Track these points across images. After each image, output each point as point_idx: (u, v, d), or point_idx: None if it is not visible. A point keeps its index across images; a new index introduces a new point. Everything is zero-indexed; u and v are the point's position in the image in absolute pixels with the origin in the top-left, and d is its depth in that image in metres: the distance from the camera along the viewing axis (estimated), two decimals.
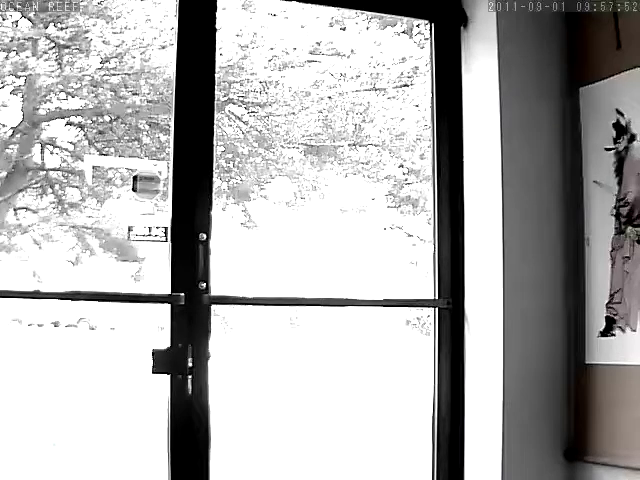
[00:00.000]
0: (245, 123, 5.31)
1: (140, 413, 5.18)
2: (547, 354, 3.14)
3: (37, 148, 5.09)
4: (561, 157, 3.22)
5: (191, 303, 2.83)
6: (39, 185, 5.16)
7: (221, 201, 5.32)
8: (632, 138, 3.01)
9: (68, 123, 5.03)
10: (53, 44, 4.85)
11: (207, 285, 2.86)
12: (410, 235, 5.74)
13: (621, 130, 3.05)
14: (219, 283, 2.90)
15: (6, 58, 4.77)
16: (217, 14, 2.98)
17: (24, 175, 5.11)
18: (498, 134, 3.12)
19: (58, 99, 4.99)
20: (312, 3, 3.85)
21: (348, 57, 5.42)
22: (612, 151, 3.08)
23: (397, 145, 5.56)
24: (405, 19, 5.05)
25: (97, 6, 4.84)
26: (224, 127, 5.22)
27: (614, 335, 3.03)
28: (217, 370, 2.87)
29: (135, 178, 3.17)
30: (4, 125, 4.92)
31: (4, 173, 5.04)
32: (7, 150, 5.01)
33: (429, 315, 3.34)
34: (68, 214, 5.19)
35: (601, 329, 3.08)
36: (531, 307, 3.12)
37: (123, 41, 4.87)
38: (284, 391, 5.90)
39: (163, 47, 4.89)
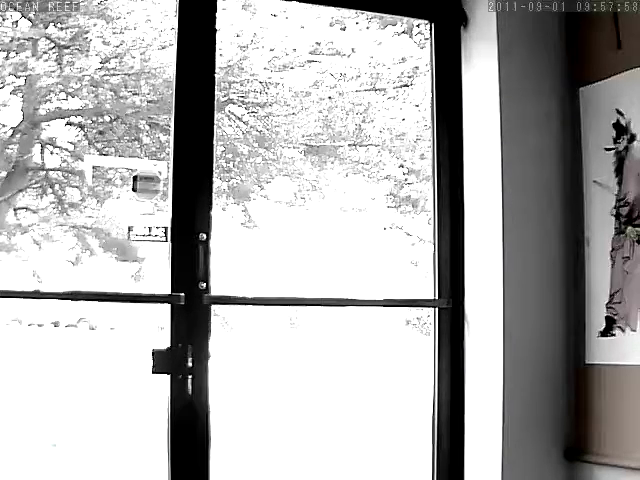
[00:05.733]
0: (245, 123, 5.31)
1: (140, 413, 5.18)
2: (547, 354, 3.15)
3: (37, 148, 5.08)
4: (561, 157, 3.22)
5: (191, 303, 2.83)
6: (39, 185, 5.15)
7: (221, 201, 5.32)
8: (632, 138, 3.01)
9: (68, 123, 5.03)
10: (53, 44, 4.84)
11: (207, 285, 2.86)
12: (410, 235, 5.74)
13: (621, 130, 3.05)
14: (219, 283, 2.91)
15: (6, 58, 4.77)
16: (217, 14, 2.98)
17: (24, 175, 5.11)
18: (498, 134, 3.12)
19: (58, 99, 4.98)
20: (312, 3, 3.85)
21: (348, 57, 5.41)
22: (612, 151, 3.08)
23: (397, 145, 5.56)
24: (405, 19, 5.05)
25: (97, 6, 4.84)
26: (224, 127, 5.22)
27: (614, 335, 3.04)
28: (217, 370, 2.88)
29: (135, 178, 3.17)
30: (4, 125, 4.92)
31: (4, 173, 5.03)
32: (7, 150, 5.01)
33: (429, 315, 3.34)
34: (68, 214, 5.19)
35: (601, 329, 3.08)
36: (531, 307, 3.12)
37: (123, 41, 4.87)
38: (284, 391, 5.90)
39: (163, 47, 4.88)
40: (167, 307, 2.84)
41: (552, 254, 3.18)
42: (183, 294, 2.83)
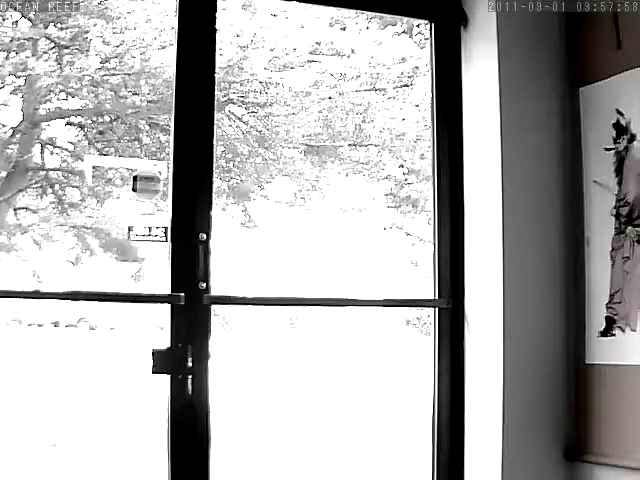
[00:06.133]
0: (245, 123, 5.31)
1: (140, 413, 5.18)
2: (547, 354, 3.15)
3: (37, 148, 5.08)
4: (561, 157, 3.22)
5: (191, 303, 2.83)
6: (39, 185, 5.15)
7: (221, 201, 5.32)
8: (632, 138, 3.01)
9: (68, 123, 5.03)
10: (53, 44, 4.84)
11: (207, 285, 2.86)
12: (410, 235, 5.74)
13: (621, 130, 3.05)
14: (219, 283, 2.91)
15: (6, 58, 4.77)
16: (217, 14, 2.98)
17: (24, 175, 5.11)
18: (498, 134, 3.12)
19: (58, 99, 4.98)
20: (312, 3, 3.85)
21: (348, 57, 5.41)
22: (612, 151, 3.08)
23: (397, 145, 5.56)
24: (405, 19, 5.05)
25: (97, 6, 4.84)
26: (224, 127, 5.22)
27: (614, 335, 3.04)
28: (217, 370, 2.88)
29: (135, 178, 3.17)
30: (4, 125, 4.92)
31: (4, 173, 5.03)
32: (7, 150, 5.01)
33: (429, 315, 3.34)
34: (68, 214, 5.18)
35: (601, 329, 3.08)
36: (531, 307, 3.12)
37: (123, 41, 4.87)
38: (284, 391, 5.90)
39: (163, 47, 4.88)
40: (167, 307, 2.83)
41: (552, 254, 3.18)
42: (183, 294, 2.83)
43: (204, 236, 2.88)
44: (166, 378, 2.81)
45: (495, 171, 3.12)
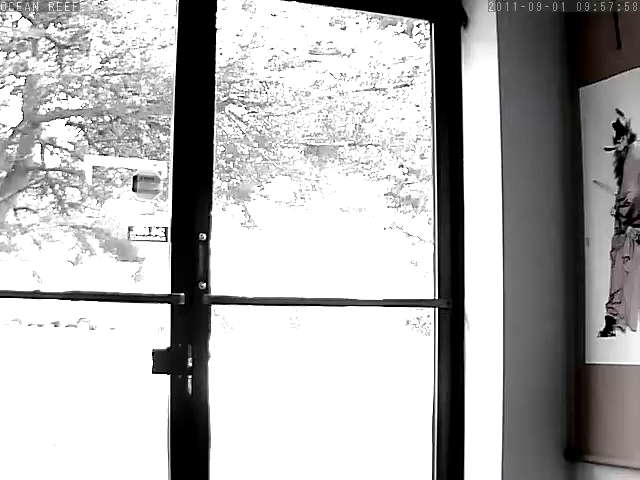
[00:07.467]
0: (245, 123, 5.31)
1: (140, 413, 5.18)
2: (547, 354, 3.15)
3: (37, 148, 5.08)
4: (561, 157, 3.22)
5: (191, 303, 2.83)
6: (39, 185, 5.15)
7: (221, 201, 5.32)
8: (632, 138, 3.01)
9: (68, 123, 5.03)
10: (53, 44, 4.85)
11: (207, 285, 2.86)
12: (410, 235, 5.74)
13: (621, 130, 3.05)
14: (219, 283, 2.91)
15: (6, 58, 4.77)
16: (217, 14, 2.98)
17: (24, 175, 5.11)
18: (498, 134, 3.12)
19: (58, 99, 4.98)
20: (312, 3, 3.85)
21: (348, 57, 5.41)
22: (612, 151, 3.08)
23: (397, 145, 5.56)
24: (405, 19, 5.05)
25: (97, 6, 4.84)
26: (224, 127, 5.22)
27: (614, 335, 3.04)
28: (217, 370, 2.88)
29: (135, 178, 3.17)
30: (4, 125, 4.92)
31: (4, 173, 5.04)
32: (7, 150, 5.01)
33: (429, 315, 3.34)
34: (68, 214, 5.18)
35: (601, 329, 3.08)
36: (531, 307, 3.12)
37: (123, 41, 4.87)
38: (284, 391, 5.90)
39: (163, 47, 4.88)
40: (167, 307, 2.83)
41: (552, 254, 3.18)
42: (183, 294, 2.83)
43: (204, 236, 2.88)
44: (166, 378, 2.81)
45: (495, 171, 3.12)
